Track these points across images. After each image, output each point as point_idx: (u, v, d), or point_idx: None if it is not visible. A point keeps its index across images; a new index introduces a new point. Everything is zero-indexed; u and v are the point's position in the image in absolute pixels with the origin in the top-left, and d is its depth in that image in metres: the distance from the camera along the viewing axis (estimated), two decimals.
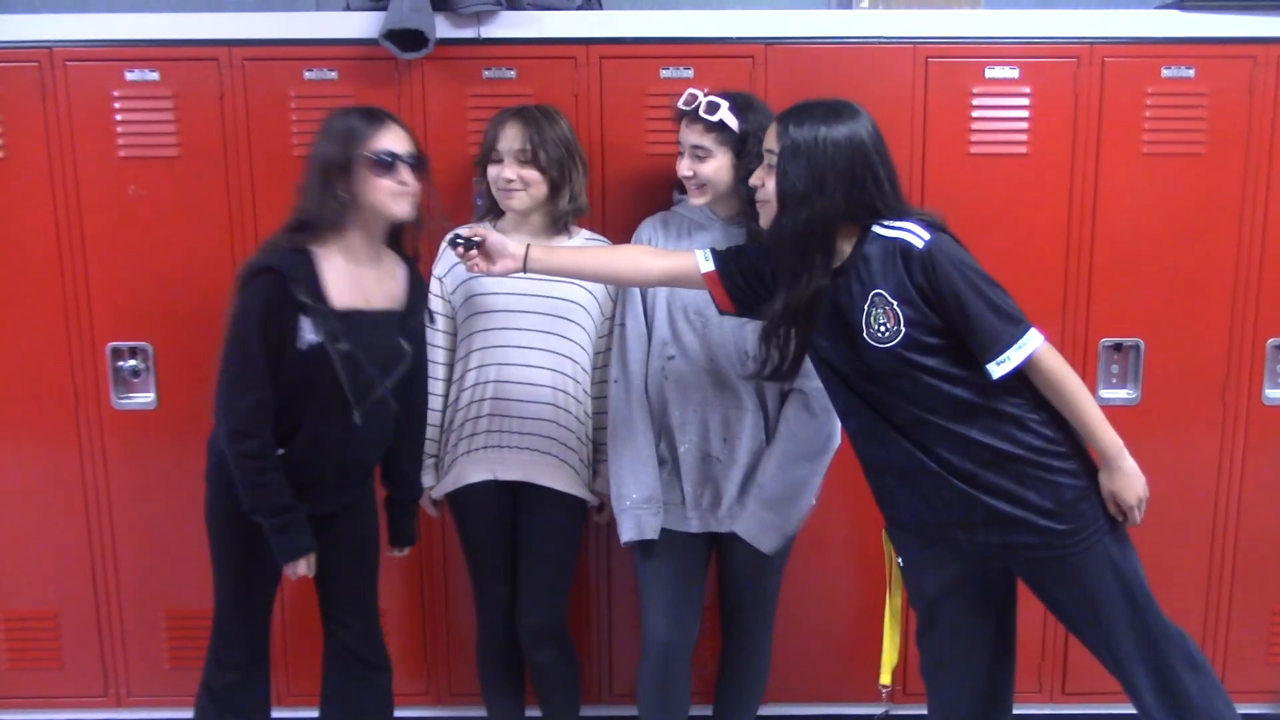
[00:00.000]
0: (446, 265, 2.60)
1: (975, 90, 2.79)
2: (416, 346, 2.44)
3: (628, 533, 2.50)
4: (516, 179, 2.49)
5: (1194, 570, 3.01)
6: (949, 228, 2.11)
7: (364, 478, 2.49)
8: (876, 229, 2.07)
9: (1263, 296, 2.88)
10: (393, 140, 2.27)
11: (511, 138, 2.49)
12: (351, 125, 2.26)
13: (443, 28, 2.70)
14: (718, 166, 2.40)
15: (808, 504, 2.53)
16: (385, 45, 2.65)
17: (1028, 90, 2.78)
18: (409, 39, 2.66)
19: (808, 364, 2.24)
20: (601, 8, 2.95)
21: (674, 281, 2.34)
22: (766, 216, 2.14)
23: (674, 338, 2.49)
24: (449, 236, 2.43)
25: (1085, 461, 2.12)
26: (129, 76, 2.75)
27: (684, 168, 2.43)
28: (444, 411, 2.63)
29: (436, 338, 2.61)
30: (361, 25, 2.72)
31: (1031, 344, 2.02)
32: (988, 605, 2.28)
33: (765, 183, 2.12)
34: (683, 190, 2.53)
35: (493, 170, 2.52)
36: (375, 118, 2.29)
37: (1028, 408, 2.07)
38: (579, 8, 2.83)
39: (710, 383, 2.48)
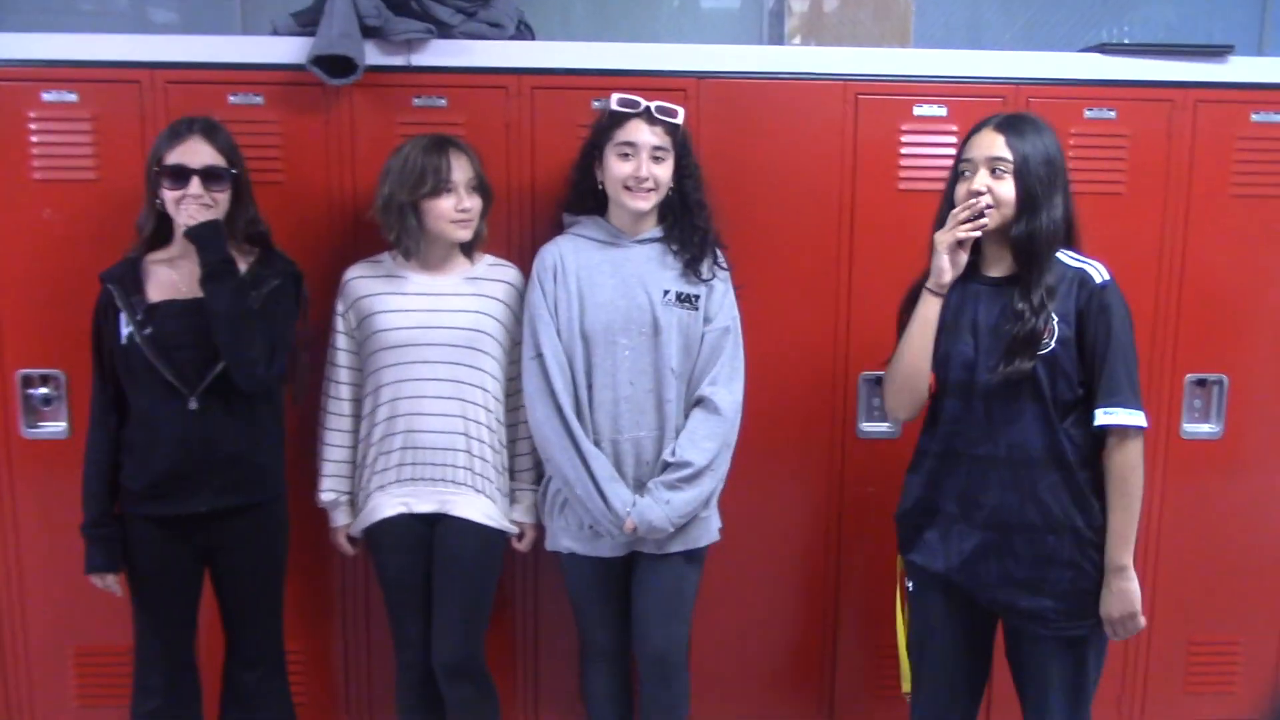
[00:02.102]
0: (347, 302, 2.56)
1: (904, 127, 2.83)
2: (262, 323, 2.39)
3: (655, 535, 2.45)
4: (471, 209, 2.48)
5: None
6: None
7: (245, 479, 2.45)
8: (1060, 255, 2.21)
9: (1181, 333, 2.95)
10: (186, 153, 2.32)
11: (462, 168, 2.47)
12: (162, 137, 2.36)
13: (372, 54, 2.67)
14: (668, 170, 2.42)
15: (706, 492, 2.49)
16: (313, 71, 2.61)
17: (955, 128, 2.82)
18: (337, 65, 2.62)
19: (715, 371, 2.41)
20: (534, 37, 2.95)
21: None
22: (996, 220, 2.20)
23: (587, 366, 2.47)
24: (968, 207, 2.22)
25: (1103, 560, 2.22)
26: (46, 97, 2.68)
27: (641, 169, 2.40)
28: (351, 448, 2.59)
29: (340, 373, 2.58)
30: (289, 50, 2.68)
31: (1139, 420, 2.15)
32: (974, 643, 2.37)
33: (993, 189, 2.19)
34: (576, 210, 2.53)
35: (445, 202, 2.46)
36: (175, 132, 2.35)
37: (1091, 487, 2.19)
38: (511, 37, 2.82)
39: (630, 409, 2.46)
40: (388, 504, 2.53)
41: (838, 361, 2.91)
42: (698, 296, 2.49)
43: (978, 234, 2.20)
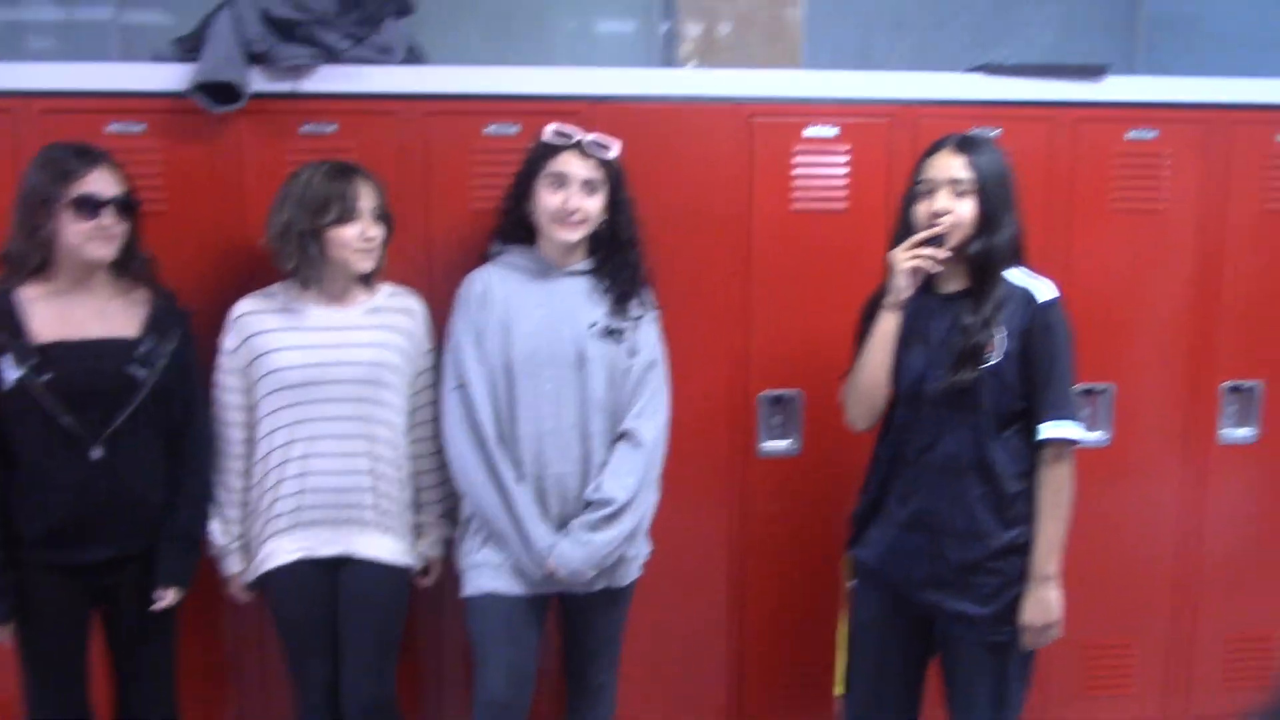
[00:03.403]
0: (237, 339, 2.45)
1: (796, 149, 2.87)
2: (163, 377, 2.33)
3: (579, 579, 2.41)
4: (375, 237, 2.42)
5: None
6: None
7: (146, 524, 2.37)
8: (1009, 273, 2.28)
9: None
10: (100, 182, 2.23)
11: (368, 195, 2.41)
12: (61, 164, 2.23)
13: (258, 81, 2.61)
14: (599, 203, 2.41)
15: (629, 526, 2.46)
16: (195, 98, 2.55)
17: (847, 148, 2.87)
18: (221, 92, 2.56)
19: (640, 405, 2.42)
20: (425, 63, 2.92)
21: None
22: (956, 239, 2.25)
23: (510, 399, 2.42)
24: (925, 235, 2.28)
25: (1028, 569, 2.28)
26: None
27: (571, 201, 2.37)
28: (243, 491, 2.49)
29: (230, 414, 2.47)
30: (170, 77, 2.60)
31: (1079, 434, 2.25)
32: (908, 645, 2.43)
33: (955, 208, 2.24)
34: (506, 239, 2.50)
35: (349, 230, 2.39)
36: (85, 157, 2.25)
37: (1021, 499, 2.27)
38: (402, 62, 2.78)
39: (555, 444, 2.42)
40: (286, 549, 2.43)
41: (736, 381, 2.92)
42: (624, 330, 2.47)
43: (940, 267, 2.26)
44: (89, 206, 2.22)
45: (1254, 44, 3.70)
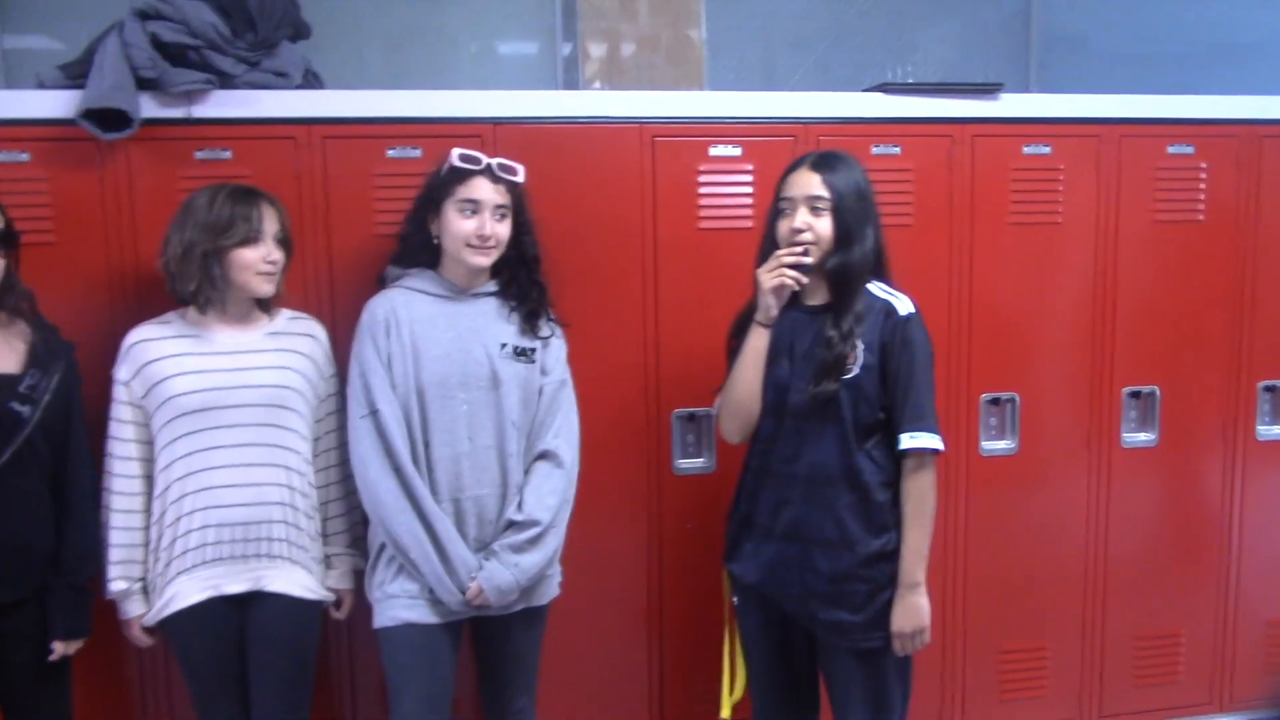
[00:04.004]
0: (132, 369, 2.37)
1: (701, 168, 2.88)
2: (48, 413, 2.26)
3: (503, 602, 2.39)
4: (277, 261, 2.38)
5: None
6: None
7: (35, 567, 2.28)
8: (871, 287, 2.34)
9: (974, 355, 3.09)
10: None
11: (271, 219, 2.37)
12: None
13: (149, 107, 2.55)
14: (509, 227, 2.40)
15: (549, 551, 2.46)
16: (84, 125, 2.47)
17: (750, 167, 2.89)
18: (110, 119, 2.49)
19: (556, 424, 2.44)
20: (323, 86, 2.87)
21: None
22: (816, 255, 2.31)
23: (423, 423, 2.38)
24: (791, 253, 2.33)
25: (897, 576, 2.32)
26: None
27: (485, 227, 2.36)
28: (142, 529, 2.40)
29: (126, 448, 2.38)
30: (57, 104, 2.53)
31: (938, 444, 2.28)
32: (791, 657, 2.47)
33: (813, 225, 2.30)
34: (404, 262, 2.47)
35: (252, 253, 2.34)
36: None
37: (888, 507, 2.30)
38: (299, 86, 2.74)
39: (471, 467, 2.39)
40: (192, 589, 2.33)
41: (650, 400, 2.92)
42: (534, 350, 2.46)
43: (804, 281, 2.32)
44: None
45: (1139, 61, 3.83)
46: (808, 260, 2.30)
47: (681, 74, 3.11)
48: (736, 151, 2.90)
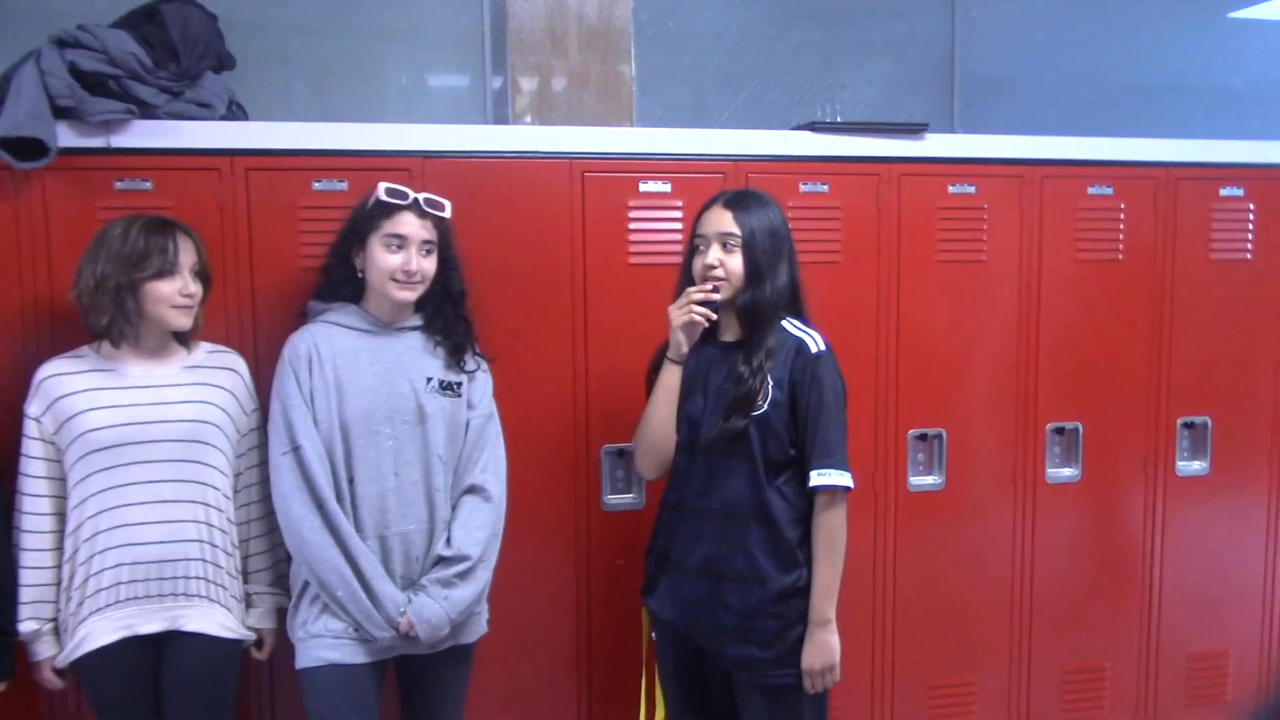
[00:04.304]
0: (43, 404, 2.31)
1: (631, 203, 2.89)
2: None
3: (430, 637, 2.34)
4: (194, 294, 2.33)
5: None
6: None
7: None
8: (784, 323, 2.35)
9: (902, 391, 3.12)
10: None
11: (188, 250, 2.32)
12: None
13: (66, 136, 2.50)
14: (434, 263, 2.39)
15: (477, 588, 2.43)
16: None
17: (680, 203, 2.90)
18: (26, 147, 2.43)
19: (484, 458, 2.43)
20: (247, 117, 2.84)
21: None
22: (728, 291, 2.34)
23: (348, 459, 2.34)
24: (701, 290, 2.35)
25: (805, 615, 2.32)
26: None
27: (411, 263, 2.34)
28: (53, 569, 2.32)
29: (35, 484, 2.31)
30: None
31: (848, 482, 2.29)
32: (704, 693, 2.47)
33: (725, 262, 2.33)
34: (327, 296, 2.44)
35: (168, 285, 2.29)
36: None
37: (799, 543, 2.30)
38: (223, 117, 2.70)
39: (397, 502, 2.36)
40: (106, 629, 2.26)
41: (579, 435, 2.91)
42: (460, 384, 2.44)
43: (713, 318, 2.34)
44: None
45: (1063, 103, 3.92)
46: (716, 297, 2.33)
47: (612, 110, 3.12)
48: (666, 188, 2.91)
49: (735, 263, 2.33)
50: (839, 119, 3.01)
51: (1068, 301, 3.22)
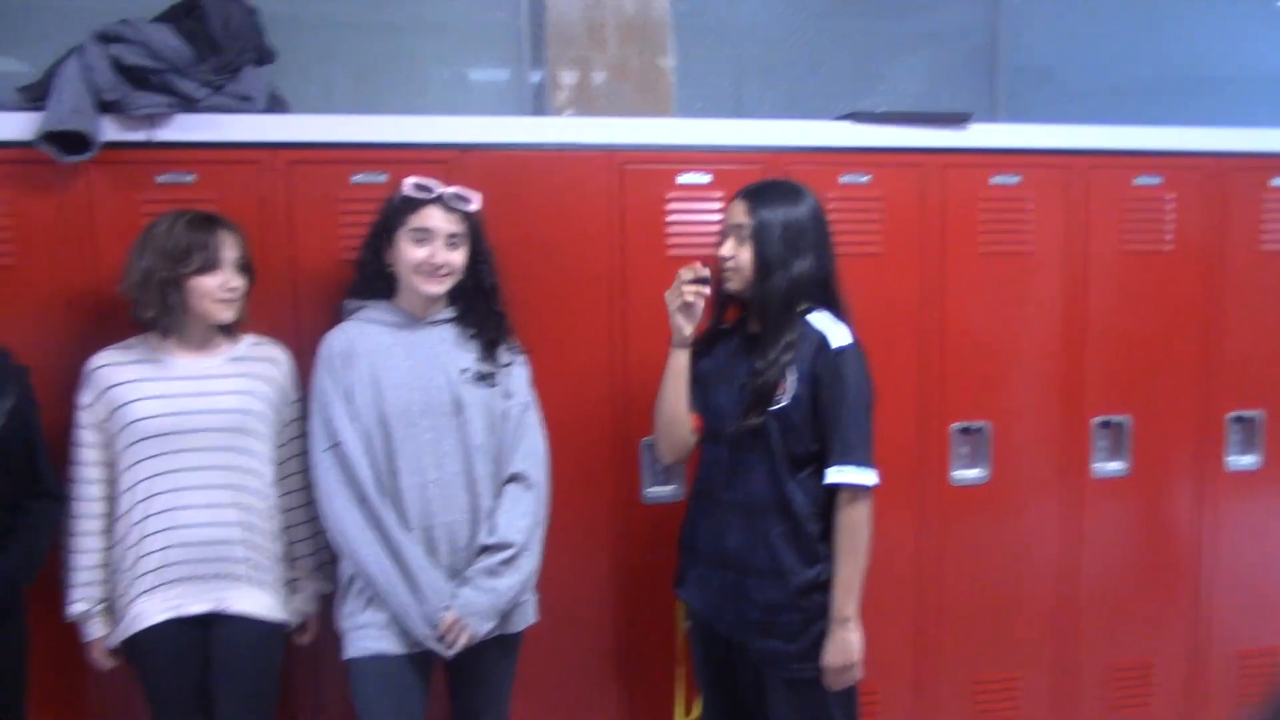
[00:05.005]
0: (94, 393, 2.36)
1: (670, 195, 2.87)
2: (2, 436, 2.24)
3: (467, 639, 2.33)
4: (237, 288, 2.37)
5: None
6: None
7: None
8: (810, 317, 2.31)
9: (945, 384, 3.08)
10: None
11: (230, 245, 2.36)
12: None
13: (110, 130, 2.52)
14: (463, 256, 2.39)
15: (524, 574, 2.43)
16: (42, 148, 2.44)
17: (719, 195, 2.88)
18: (70, 141, 2.46)
19: (526, 446, 2.43)
20: (289, 110, 2.85)
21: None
22: (739, 282, 2.34)
23: (388, 453, 2.35)
24: (691, 269, 2.37)
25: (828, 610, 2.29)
26: None
27: (437, 256, 2.35)
28: (104, 551, 2.38)
29: (88, 471, 2.37)
30: (14, 126, 2.49)
31: (869, 480, 2.25)
32: (735, 685, 2.46)
33: (738, 254, 2.31)
34: (361, 293, 2.45)
35: (211, 280, 2.33)
36: None
37: (821, 539, 2.28)
38: (264, 110, 2.72)
39: (440, 493, 2.37)
40: (154, 609, 2.31)
41: (618, 427, 2.90)
42: (495, 374, 2.45)
43: (706, 293, 2.35)
44: None
45: (1108, 92, 3.86)
46: (705, 273, 2.33)
47: (651, 102, 3.11)
48: (705, 179, 2.89)
49: (745, 254, 2.32)
50: (880, 110, 2.97)
51: (1115, 293, 3.17)
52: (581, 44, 3.09)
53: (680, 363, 2.41)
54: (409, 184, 2.38)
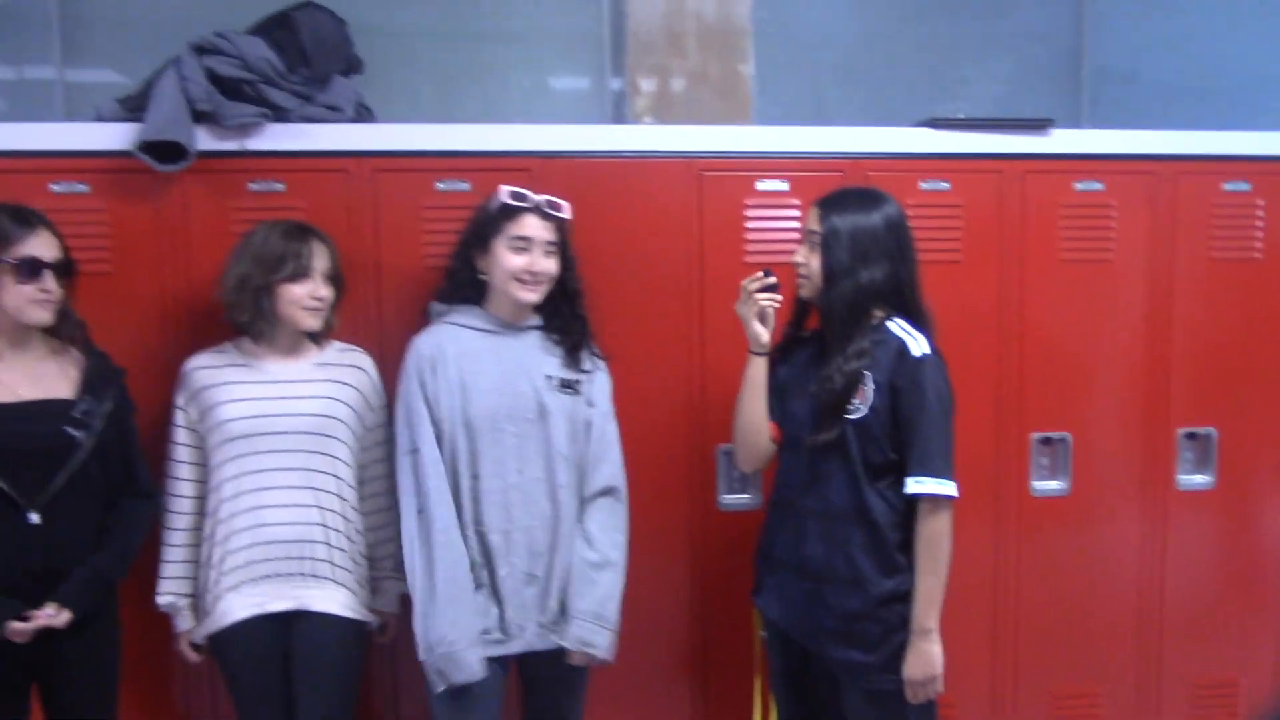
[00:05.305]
0: (188, 394, 2.45)
1: (748, 201, 2.88)
2: (101, 437, 2.30)
3: (444, 680, 2.32)
4: (325, 298, 2.44)
5: (978, 650, 3.10)
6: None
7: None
8: (890, 324, 2.28)
9: (1025, 394, 3.04)
10: (41, 246, 2.23)
11: (321, 256, 2.43)
12: (1, 228, 2.21)
13: (204, 140, 2.60)
14: (556, 263, 2.43)
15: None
16: (140, 158, 2.53)
17: (797, 202, 2.88)
18: (167, 151, 2.54)
19: (614, 456, 2.48)
20: (375, 120, 2.91)
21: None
22: (810, 290, 2.34)
23: (472, 456, 2.39)
24: (754, 277, 2.38)
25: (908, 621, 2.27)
26: None
27: (536, 264, 2.38)
28: (194, 547, 2.47)
29: (181, 469, 2.47)
30: (115, 136, 2.59)
31: (949, 490, 2.22)
32: (810, 694, 2.44)
33: (810, 260, 2.31)
34: (450, 298, 2.49)
35: (300, 288, 2.40)
36: (25, 221, 2.23)
37: (901, 548, 2.26)
38: (351, 120, 2.78)
39: (521, 498, 2.40)
40: (240, 605, 2.39)
41: (695, 434, 2.91)
42: (579, 381, 2.48)
43: (778, 299, 2.36)
44: (30, 270, 2.21)
45: (1193, 96, 3.78)
46: (772, 280, 2.34)
47: (730, 108, 3.12)
48: (784, 186, 2.89)
49: (815, 261, 2.31)
50: (961, 115, 2.94)
51: (1201, 302, 3.10)
52: (661, 51, 3.11)
53: (758, 370, 2.41)
54: (506, 192, 2.41)
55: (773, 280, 2.34)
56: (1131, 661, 3.18)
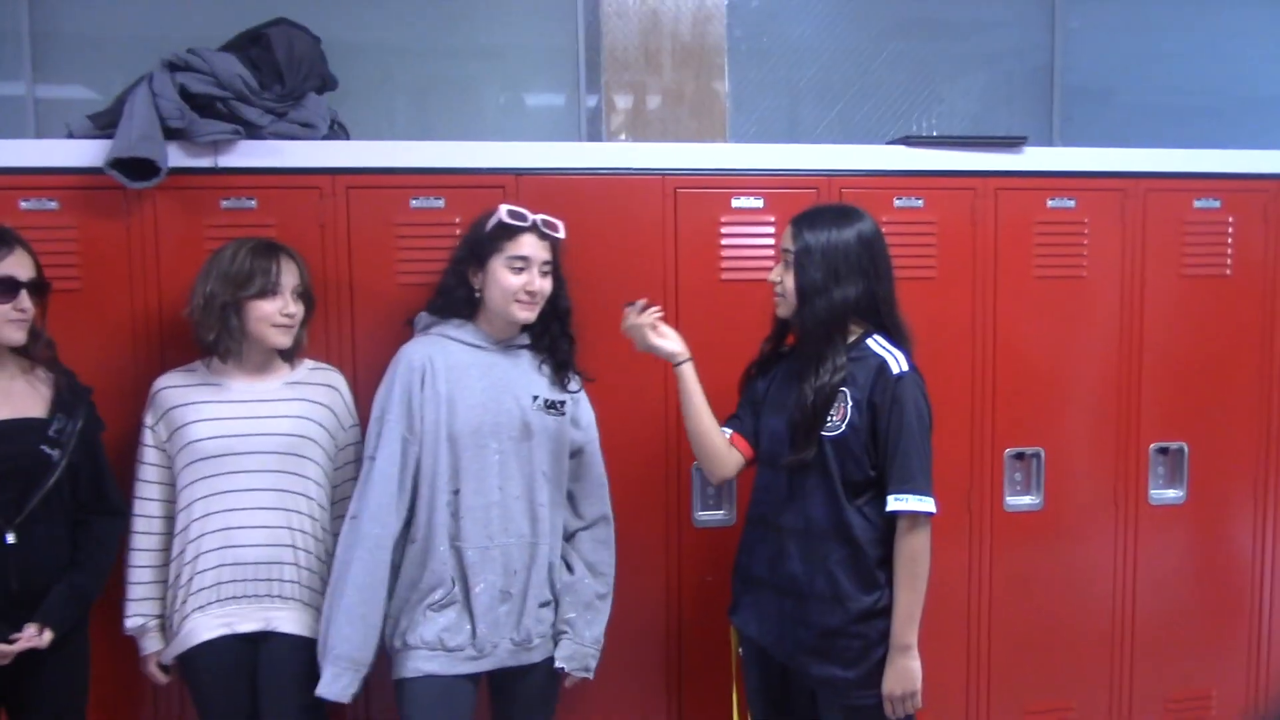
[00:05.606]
0: (157, 414, 2.43)
1: (723, 219, 2.88)
2: (74, 456, 2.29)
3: (324, 686, 2.30)
4: (294, 314, 2.42)
5: (955, 668, 3.11)
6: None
7: None
8: (870, 341, 2.28)
9: (999, 409, 3.06)
10: (17, 265, 2.22)
11: (290, 273, 2.42)
12: None
13: (176, 156, 2.58)
14: (551, 283, 2.43)
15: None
16: (112, 174, 2.51)
17: (772, 219, 2.89)
18: (138, 168, 2.52)
19: (603, 480, 2.53)
20: (349, 137, 2.90)
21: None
22: (785, 308, 2.35)
23: (454, 470, 2.38)
24: (631, 305, 2.42)
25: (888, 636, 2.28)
26: None
27: (534, 284, 2.37)
28: (161, 567, 2.44)
29: (149, 489, 2.44)
30: (85, 153, 2.57)
31: (929, 507, 2.23)
32: (793, 712, 2.44)
33: (784, 279, 2.32)
34: (443, 312, 2.46)
35: (269, 305, 2.38)
36: (1, 240, 2.22)
37: (881, 565, 2.26)
38: (325, 137, 2.77)
39: (500, 515, 2.39)
40: (207, 626, 2.36)
41: (669, 451, 2.90)
42: (564, 402, 2.48)
43: (659, 314, 2.41)
44: (7, 289, 2.19)
45: (1165, 114, 3.82)
46: (642, 301, 2.40)
47: (706, 126, 3.13)
48: (759, 203, 2.90)
49: (789, 279, 2.31)
50: (935, 133, 2.96)
51: (1172, 318, 3.13)
52: (637, 68, 3.12)
53: (689, 380, 2.40)
54: (504, 211, 2.40)
55: (644, 301, 2.39)
56: (1104, 675, 3.20)
